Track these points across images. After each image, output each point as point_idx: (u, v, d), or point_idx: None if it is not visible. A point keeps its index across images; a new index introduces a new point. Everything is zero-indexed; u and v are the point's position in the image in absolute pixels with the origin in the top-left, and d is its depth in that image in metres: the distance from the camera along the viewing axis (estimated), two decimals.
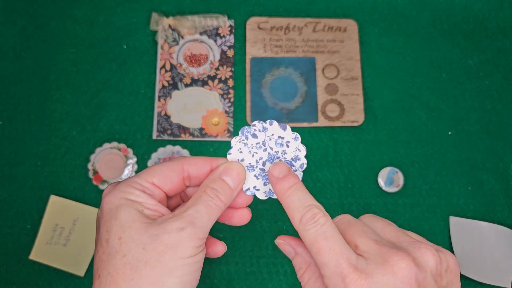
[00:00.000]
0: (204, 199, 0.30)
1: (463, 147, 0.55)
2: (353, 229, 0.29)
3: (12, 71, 0.55)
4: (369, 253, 0.27)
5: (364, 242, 0.28)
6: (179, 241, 0.28)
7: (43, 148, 0.53)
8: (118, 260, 0.27)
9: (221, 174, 0.31)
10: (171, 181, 0.32)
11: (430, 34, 0.59)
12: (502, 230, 0.52)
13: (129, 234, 0.28)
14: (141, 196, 0.30)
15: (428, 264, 0.26)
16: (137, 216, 0.29)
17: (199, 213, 0.29)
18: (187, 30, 0.57)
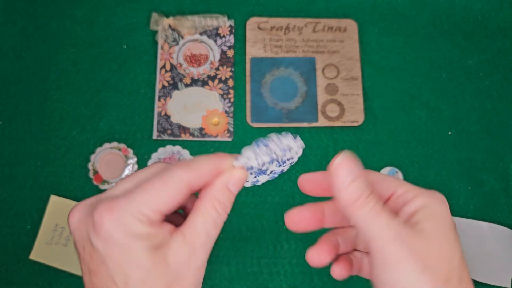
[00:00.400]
0: (212, 216, 0.28)
1: (463, 147, 0.55)
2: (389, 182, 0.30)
3: (12, 71, 0.55)
4: (410, 191, 0.29)
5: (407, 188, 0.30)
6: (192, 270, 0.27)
7: (43, 148, 0.53)
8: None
9: (228, 184, 0.30)
10: (177, 203, 0.28)
11: (430, 34, 0.59)
12: (502, 230, 0.52)
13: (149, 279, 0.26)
14: (150, 231, 0.26)
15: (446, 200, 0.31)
16: (145, 253, 0.26)
17: (210, 235, 0.28)
18: (187, 30, 0.57)
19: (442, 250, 0.27)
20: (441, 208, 0.29)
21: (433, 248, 0.27)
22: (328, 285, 0.50)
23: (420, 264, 0.26)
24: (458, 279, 0.27)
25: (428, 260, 0.26)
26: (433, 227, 0.28)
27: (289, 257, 0.51)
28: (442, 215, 0.29)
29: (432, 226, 0.28)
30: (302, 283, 0.50)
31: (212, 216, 0.28)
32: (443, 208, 0.30)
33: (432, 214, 0.29)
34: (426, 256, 0.26)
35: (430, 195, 0.30)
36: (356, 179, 0.28)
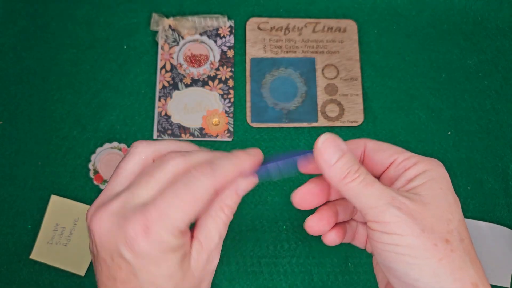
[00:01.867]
0: (223, 220, 0.29)
1: (462, 147, 0.55)
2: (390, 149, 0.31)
3: (12, 71, 0.55)
4: (411, 158, 0.30)
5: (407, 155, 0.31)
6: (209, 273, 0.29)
7: (44, 148, 0.53)
8: None
9: (238, 189, 0.30)
10: (203, 209, 0.29)
11: (430, 35, 0.59)
12: (501, 230, 0.52)
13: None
14: (181, 243, 0.27)
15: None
16: (176, 268, 0.27)
17: (221, 238, 0.29)
18: (187, 30, 0.57)
19: (440, 212, 0.27)
20: (440, 173, 0.30)
21: (431, 210, 0.27)
22: (328, 285, 0.50)
23: (418, 226, 0.26)
24: (459, 239, 0.27)
25: (426, 222, 0.27)
26: (431, 190, 0.28)
27: (289, 257, 0.51)
28: (441, 179, 0.29)
29: (429, 190, 0.28)
30: (302, 283, 0.51)
31: (222, 220, 0.29)
32: (442, 172, 0.30)
33: (431, 179, 0.29)
34: (423, 218, 0.27)
35: (430, 162, 0.31)
36: (343, 156, 0.28)
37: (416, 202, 0.27)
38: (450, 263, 0.26)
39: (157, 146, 0.30)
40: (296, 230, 0.52)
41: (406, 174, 0.30)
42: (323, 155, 0.29)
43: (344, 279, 0.51)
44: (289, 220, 0.52)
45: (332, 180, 0.29)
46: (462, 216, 0.29)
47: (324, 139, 0.29)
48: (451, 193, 0.29)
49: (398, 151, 0.31)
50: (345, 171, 0.28)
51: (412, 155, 0.31)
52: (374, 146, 0.32)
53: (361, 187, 0.28)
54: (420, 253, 0.26)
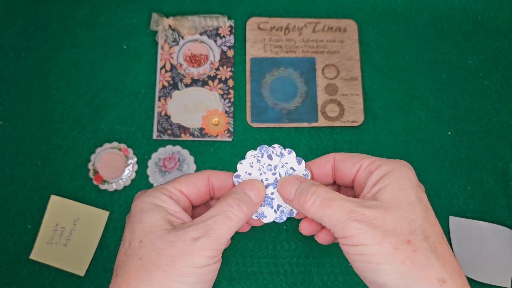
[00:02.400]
0: (224, 209, 0.30)
1: (462, 147, 0.55)
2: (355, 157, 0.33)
3: (12, 71, 0.55)
4: (374, 162, 0.32)
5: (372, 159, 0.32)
6: (192, 250, 0.28)
7: (44, 148, 0.53)
8: (135, 261, 0.29)
9: (244, 188, 0.32)
10: (197, 189, 0.33)
11: (430, 34, 0.59)
12: (502, 230, 0.52)
13: (149, 238, 0.29)
14: (166, 202, 0.31)
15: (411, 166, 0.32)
16: (159, 221, 0.30)
17: (217, 224, 0.30)
18: (187, 30, 0.57)
19: (401, 213, 0.28)
20: (402, 173, 0.30)
21: (392, 214, 0.28)
22: (328, 285, 0.50)
23: (379, 233, 0.27)
24: (422, 238, 0.28)
25: (386, 227, 0.28)
26: (392, 193, 0.29)
27: (289, 257, 0.51)
28: (402, 179, 0.30)
29: (390, 193, 0.29)
30: (302, 283, 0.51)
31: (222, 208, 0.31)
32: (405, 172, 0.31)
33: (393, 180, 0.30)
34: (384, 224, 0.28)
35: (393, 163, 0.31)
36: (299, 187, 0.31)
37: (376, 209, 0.28)
38: (413, 263, 0.27)
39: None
40: (296, 230, 0.52)
41: (371, 178, 0.31)
42: (284, 195, 0.32)
43: (344, 279, 0.51)
44: (289, 220, 0.52)
45: (299, 210, 0.31)
46: (427, 212, 0.29)
47: (280, 184, 0.32)
48: (414, 192, 0.29)
49: (363, 157, 0.33)
50: (302, 198, 0.30)
51: (376, 159, 0.32)
52: (341, 157, 0.34)
53: (321, 209, 0.29)
54: (383, 259, 0.27)
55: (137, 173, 0.53)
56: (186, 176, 0.34)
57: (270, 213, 0.34)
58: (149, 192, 0.32)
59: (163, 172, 0.53)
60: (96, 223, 0.51)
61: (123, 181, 0.53)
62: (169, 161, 0.53)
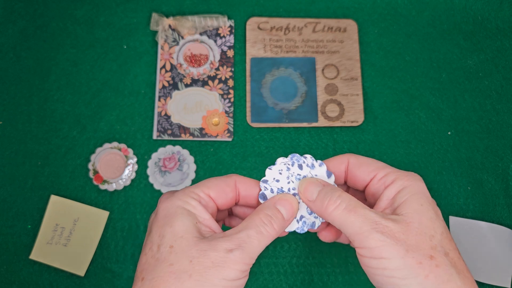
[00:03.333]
0: (256, 224, 0.30)
1: (462, 147, 0.55)
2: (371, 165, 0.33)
3: (12, 71, 0.55)
4: (390, 174, 0.31)
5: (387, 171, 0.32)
6: (225, 261, 0.28)
7: (44, 148, 0.53)
8: (164, 267, 0.28)
9: (276, 203, 0.32)
10: (225, 195, 0.32)
11: (430, 34, 0.59)
12: (502, 230, 0.52)
13: (180, 244, 0.28)
14: (196, 208, 0.30)
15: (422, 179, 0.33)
16: (190, 228, 0.29)
17: (250, 238, 0.29)
18: (187, 30, 0.57)
19: (422, 229, 0.28)
20: (419, 188, 0.31)
21: (413, 230, 0.28)
22: (328, 285, 0.50)
23: (402, 247, 0.27)
24: (443, 253, 0.28)
25: (409, 241, 0.28)
26: (412, 209, 0.29)
27: (289, 257, 0.51)
28: (420, 195, 0.30)
29: (410, 208, 0.29)
30: (302, 283, 0.50)
31: (254, 222, 0.30)
32: (421, 187, 0.31)
33: (411, 195, 0.30)
34: (406, 239, 0.28)
35: (408, 177, 0.31)
36: (322, 189, 0.31)
37: (398, 223, 0.28)
38: (436, 278, 0.27)
39: None
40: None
41: (387, 192, 0.31)
42: (306, 195, 0.32)
43: (344, 279, 0.51)
44: None
45: (319, 213, 0.31)
46: (445, 228, 0.30)
47: (303, 184, 0.32)
48: (431, 208, 0.30)
49: (379, 167, 0.32)
50: (325, 201, 0.30)
51: (391, 171, 0.32)
52: (356, 161, 0.33)
53: (344, 214, 0.29)
54: (407, 273, 0.27)
55: (137, 173, 0.53)
56: (214, 180, 0.33)
57: (293, 222, 0.34)
58: (178, 195, 0.31)
59: (163, 172, 0.53)
60: (96, 223, 0.51)
61: (123, 181, 0.53)
62: (169, 161, 0.53)
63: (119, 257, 0.50)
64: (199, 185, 0.32)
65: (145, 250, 0.30)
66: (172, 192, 0.32)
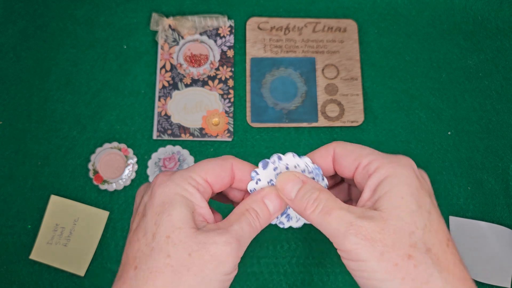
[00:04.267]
0: (247, 217, 0.30)
1: (463, 147, 0.55)
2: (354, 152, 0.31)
3: (12, 71, 0.55)
4: (373, 162, 0.30)
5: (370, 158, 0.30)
6: (225, 255, 0.27)
7: (44, 148, 0.53)
8: (161, 258, 0.27)
9: (264, 197, 0.31)
10: (222, 180, 0.31)
11: (430, 34, 0.59)
12: (502, 230, 0.52)
13: (178, 235, 0.27)
14: (194, 195, 0.29)
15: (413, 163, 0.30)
16: (188, 218, 0.28)
17: (244, 231, 0.29)
18: (187, 30, 0.57)
19: (401, 226, 0.27)
20: (401, 178, 0.29)
21: (391, 226, 0.27)
22: (328, 285, 0.50)
23: (377, 249, 0.26)
24: (425, 250, 0.26)
25: (386, 241, 0.26)
26: (391, 203, 0.28)
27: (289, 257, 0.51)
28: (402, 185, 0.28)
29: (389, 203, 0.28)
30: (302, 283, 0.50)
31: (245, 216, 0.30)
32: (405, 176, 0.29)
33: (391, 188, 0.28)
34: (383, 238, 0.26)
35: (392, 164, 0.29)
36: (302, 187, 0.30)
37: (375, 221, 0.27)
38: (413, 280, 0.26)
39: None
40: (296, 230, 0.52)
41: (369, 183, 0.29)
42: (284, 193, 0.30)
43: (344, 279, 0.51)
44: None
45: (298, 213, 0.30)
46: (431, 219, 0.28)
47: (281, 180, 0.31)
48: (414, 200, 0.28)
49: (362, 154, 0.31)
50: (304, 203, 0.29)
51: (374, 158, 0.30)
52: (341, 151, 0.32)
53: (320, 217, 0.28)
54: (383, 276, 0.26)
55: (137, 173, 0.53)
56: (211, 163, 0.31)
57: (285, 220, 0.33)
58: (175, 180, 0.29)
59: None
60: (96, 223, 0.51)
61: (123, 181, 0.53)
62: (169, 161, 0.53)
63: (119, 257, 0.50)
64: (196, 168, 0.30)
65: (137, 236, 0.29)
66: (168, 175, 0.30)
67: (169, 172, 0.31)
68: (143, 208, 0.30)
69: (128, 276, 0.28)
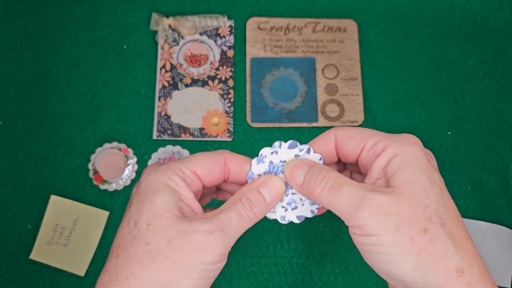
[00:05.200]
0: (238, 206, 0.29)
1: (462, 147, 0.55)
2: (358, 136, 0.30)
3: (12, 71, 0.55)
4: (379, 142, 0.29)
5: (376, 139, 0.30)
6: (206, 244, 0.27)
7: (44, 148, 0.53)
8: (140, 245, 0.27)
9: (260, 186, 0.31)
10: (213, 173, 0.31)
11: (430, 34, 0.59)
12: (502, 230, 0.52)
13: (158, 222, 0.27)
14: (180, 185, 0.29)
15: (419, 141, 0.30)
16: (171, 206, 0.28)
17: (231, 221, 0.28)
18: (187, 30, 0.57)
19: (415, 200, 0.26)
20: (411, 155, 0.28)
21: (405, 201, 0.26)
22: (328, 285, 0.50)
23: (392, 222, 0.26)
24: (439, 224, 0.26)
25: (400, 215, 0.26)
26: (403, 178, 0.27)
27: (289, 257, 0.51)
28: (413, 162, 0.28)
29: (401, 178, 0.27)
30: (302, 283, 0.51)
31: (236, 205, 0.29)
32: (414, 153, 0.28)
33: (402, 164, 0.28)
34: (397, 211, 0.26)
35: (399, 143, 0.29)
36: (308, 172, 0.29)
37: (388, 195, 0.26)
38: (430, 254, 0.25)
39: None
40: (296, 230, 0.52)
41: (377, 162, 0.29)
42: (293, 180, 0.30)
43: (344, 279, 0.51)
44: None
45: (307, 197, 0.30)
46: (442, 195, 0.27)
47: (289, 167, 0.31)
48: (425, 175, 0.27)
49: (366, 137, 0.30)
50: (312, 183, 0.29)
51: (380, 139, 0.29)
52: (342, 135, 0.31)
53: (330, 195, 0.28)
54: (398, 250, 0.25)
55: (137, 173, 0.53)
56: (202, 156, 0.31)
57: (278, 209, 0.33)
58: (162, 170, 0.29)
59: None
60: (96, 223, 0.51)
61: (123, 181, 0.53)
62: (169, 161, 0.53)
63: None
64: (185, 160, 0.30)
65: (122, 225, 0.29)
66: (156, 166, 0.30)
67: (158, 163, 0.31)
68: (131, 198, 0.30)
69: (110, 265, 0.28)
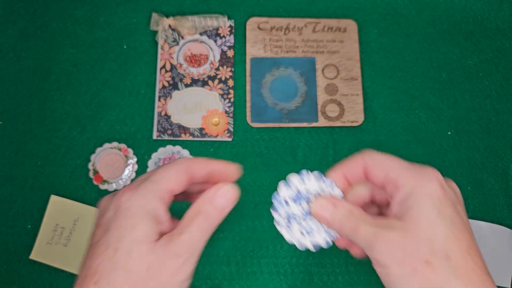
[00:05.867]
0: (198, 222, 0.30)
1: (462, 147, 0.55)
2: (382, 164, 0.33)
3: (12, 71, 0.55)
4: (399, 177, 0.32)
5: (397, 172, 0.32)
6: (180, 266, 0.29)
7: (44, 148, 0.53)
8: (122, 274, 0.27)
9: (213, 197, 0.32)
10: (183, 185, 0.32)
11: (430, 34, 0.59)
12: (502, 230, 0.52)
13: (139, 250, 0.28)
14: (159, 208, 0.30)
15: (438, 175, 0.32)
16: (151, 232, 0.29)
17: (195, 239, 0.30)
18: (187, 30, 0.57)
19: (420, 234, 0.29)
20: (425, 189, 0.31)
21: (411, 237, 0.29)
22: (328, 285, 0.50)
23: (399, 254, 0.29)
24: (443, 257, 0.28)
25: (407, 248, 0.29)
26: (413, 214, 0.30)
27: (289, 257, 0.51)
28: (426, 197, 0.30)
29: (412, 213, 0.30)
30: (302, 283, 0.51)
31: (196, 221, 0.30)
32: (428, 188, 0.31)
33: (415, 200, 0.30)
34: (403, 247, 0.29)
35: (417, 178, 0.31)
36: (335, 211, 0.33)
37: (398, 230, 0.29)
38: (430, 284, 0.28)
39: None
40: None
41: (396, 197, 0.32)
42: (322, 217, 0.33)
43: (344, 279, 0.51)
44: None
45: (337, 231, 0.34)
46: (456, 228, 0.30)
47: (316, 207, 0.34)
48: (436, 211, 0.30)
49: (389, 168, 0.33)
50: (339, 226, 0.32)
51: (400, 173, 0.32)
52: (370, 162, 0.34)
53: (351, 234, 0.31)
54: (404, 280, 0.28)
55: (137, 173, 0.53)
56: (172, 170, 0.31)
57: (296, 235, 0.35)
58: (140, 192, 0.30)
59: None
60: None
61: (123, 181, 0.53)
62: (169, 161, 0.53)
63: None
64: (159, 180, 0.31)
65: (98, 250, 0.28)
66: (133, 188, 0.30)
67: (134, 185, 0.31)
68: (106, 221, 0.30)
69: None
